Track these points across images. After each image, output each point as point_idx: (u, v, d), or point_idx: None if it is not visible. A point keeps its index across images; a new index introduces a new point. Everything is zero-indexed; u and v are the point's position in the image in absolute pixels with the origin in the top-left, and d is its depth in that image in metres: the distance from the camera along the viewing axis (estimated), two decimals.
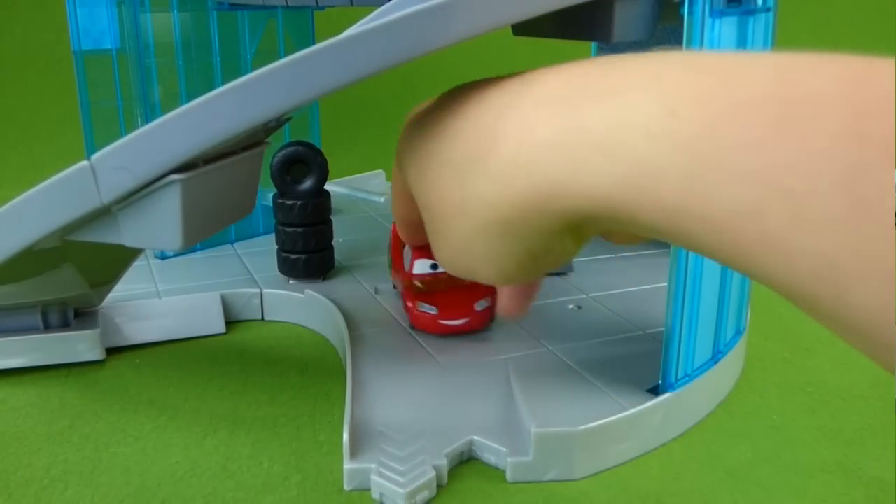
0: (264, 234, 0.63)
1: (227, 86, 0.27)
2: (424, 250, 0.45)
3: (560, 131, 0.22)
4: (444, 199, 0.27)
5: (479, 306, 0.45)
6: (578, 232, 0.25)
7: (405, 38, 0.25)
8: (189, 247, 0.33)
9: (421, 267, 0.46)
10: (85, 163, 0.31)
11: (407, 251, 0.47)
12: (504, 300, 0.34)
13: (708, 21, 0.32)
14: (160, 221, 0.31)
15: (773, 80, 0.19)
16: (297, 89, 0.26)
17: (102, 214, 0.32)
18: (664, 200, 0.20)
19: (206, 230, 0.35)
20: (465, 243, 0.27)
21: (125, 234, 0.32)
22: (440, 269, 0.46)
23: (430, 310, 0.45)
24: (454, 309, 0.45)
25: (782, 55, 0.20)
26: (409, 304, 0.46)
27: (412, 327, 0.47)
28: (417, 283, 0.46)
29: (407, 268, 0.47)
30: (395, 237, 0.50)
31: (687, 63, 0.21)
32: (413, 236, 0.39)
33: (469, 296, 0.45)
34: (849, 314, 0.18)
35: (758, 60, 0.20)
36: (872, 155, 0.17)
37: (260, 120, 0.27)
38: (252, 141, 0.38)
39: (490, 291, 0.45)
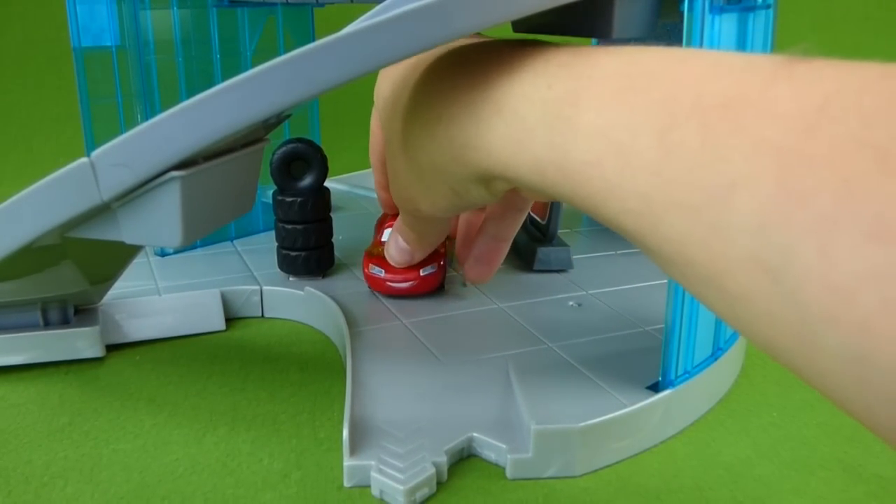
0: (264, 231, 0.63)
1: (227, 82, 0.27)
2: (395, 220, 0.50)
3: (475, 97, 0.28)
4: (396, 140, 0.33)
5: (425, 272, 0.50)
6: (489, 184, 0.30)
7: (405, 35, 0.25)
8: (189, 244, 0.33)
9: (388, 235, 0.50)
10: (85, 160, 0.30)
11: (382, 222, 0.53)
12: (468, 268, 0.41)
13: (708, 17, 0.32)
14: (160, 218, 0.31)
15: (626, 61, 0.24)
16: (297, 86, 0.26)
17: (102, 211, 0.32)
18: (535, 153, 0.25)
19: (205, 227, 0.35)
20: (406, 179, 0.33)
21: (125, 230, 0.32)
22: None
23: (378, 272, 0.50)
24: (401, 272, 0.49)
25: (651, 48, 0.25)
26: (364, 268, 0.51)
27: (370, 288, 0.51)
28: (378, 249, 0.51)
29: (378, 236, 0.52)
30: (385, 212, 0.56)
31: (569, 49, 0.26)
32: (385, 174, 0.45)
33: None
34: (663, 246, 0.22)
35: (621, 49, 0.25)
36: (679, 114, 0.21)
37: (260, 117, 0.27)
38: (252, 138, 0.38)
39: (436, 259, 0.50)
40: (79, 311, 0.47)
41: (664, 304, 0.37)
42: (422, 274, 0.49)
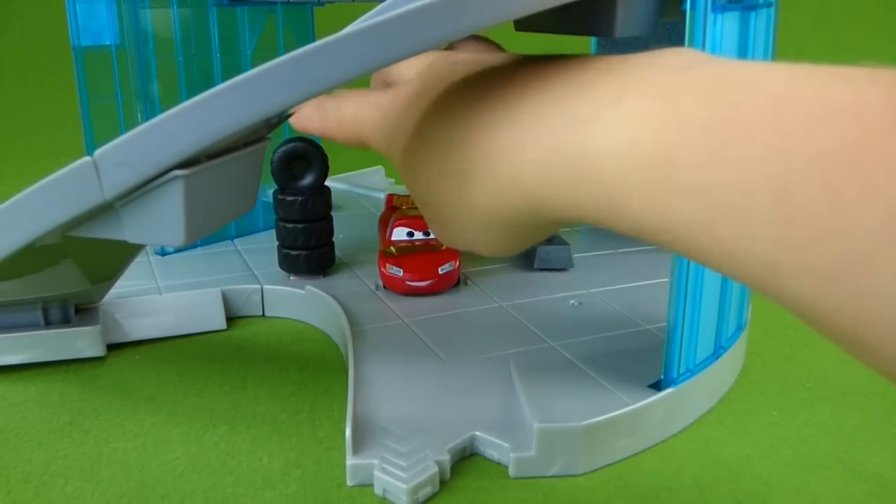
0: (264, 230, 0.63)
1: (229, 81, 0.27)
2: (406, 219, 0.53)
3: (545, 154, 0.25)
4: (444, 201, 0.30)
5: (443, 270, 0.50)
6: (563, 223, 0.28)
7: (407, 34, 0.25)
8: (191, 243, 0.33)
9: (399, 234, 0.53)
10: (87, 159, 0.30)
11: (392, 222, 0.54)
12: None
13: (710, 16, 0.32)
14: (163, 217, 0.31)
15: (715, 103, 0.21)
16: (300, 85, 0.26)
17: (105, 210, 0.32)
18: (631, 216, 0.23)
19: (208, 226, 0.34)
20: (465, 234, 0.31)
21: (127, 230, 0.32)
22: (415, 237, 0.52)
23: (396, 272, 0.50)
24: (419, 271, 0.50)
25: (729, 70, 0.22)
26: (381, 268, 0.51)
27: (385, 287, 0.51)
28: (392, 249, 0.52)
29: (388, 235, 0.53)
30: (389, 208, 0.57)
31: (643, 88, 0.24)
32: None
33: (434, 260, 0.50)
34: (793, 305, 0.20)
35: (701, 80, 0.23)
36: (796, 171, 0.19)
37: (264, 115, 0.27)
38: (254, 137, 0.38)
39: (454, 256, 0.51)
40: (79, 311, 0.47)
41: (665, 302, 0.37)
42: (440, 272, 0.50)
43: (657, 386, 0.38)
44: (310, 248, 0.52)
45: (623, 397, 0.37)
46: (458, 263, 0.51)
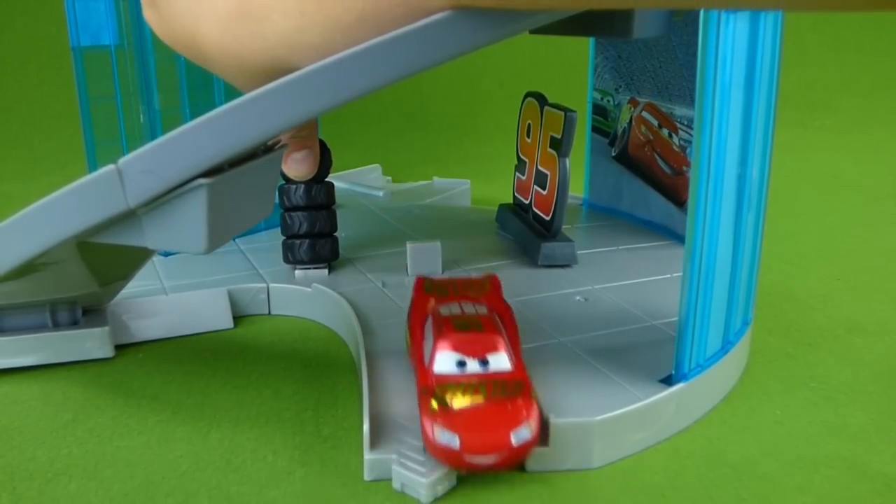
0: (266, 229, 0.63)
1: (257, 91, 0.27)
2: (453, 337, 0.36)
3: None
4: None
5: (518, 437, 0.32)
6: None
7: (432, 43, 0.25)
8: (212, 251, 0.32)
9: (444, 363, 0.35)
10: (111, 166, 0.30)
11: (429, 332, 0.37)
12: (287, 168, 0.39)
13: (723, 16, 0.32)
14: (185, 225, 0.31)
15: None
16: (327, 94, 0.26)
17: (127, 217, 0.32)
18: None
19: (228, 233, 0.34)
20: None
21: (149, 236, 0.32)
22: (467, 368, 0.35)
23: (450, 441, 0.32)
24: (483, 436, 0.32)
25: None
26: (425, 429, 0.33)
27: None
28: (436, 401, 0.33)
29: (427, 360, 0.36)
30: (418, 294, 0.42)
31: None
32: None
33: (502, 415, 0.33)
34: None
35: None
36: None
37: (290, 125, 0.27)
38: (272, 143, 0.38)
39: (530, 408, 0.33)
40: (87, 312, 0.47)
41: (669, 297, 0.37)
42: (513, 441, 0.33)
43: (668, 381, 0.38)
44: (313, 235, 0.52)
45: (635, 392, 0.37)
46: (536, 424, 0.33)
